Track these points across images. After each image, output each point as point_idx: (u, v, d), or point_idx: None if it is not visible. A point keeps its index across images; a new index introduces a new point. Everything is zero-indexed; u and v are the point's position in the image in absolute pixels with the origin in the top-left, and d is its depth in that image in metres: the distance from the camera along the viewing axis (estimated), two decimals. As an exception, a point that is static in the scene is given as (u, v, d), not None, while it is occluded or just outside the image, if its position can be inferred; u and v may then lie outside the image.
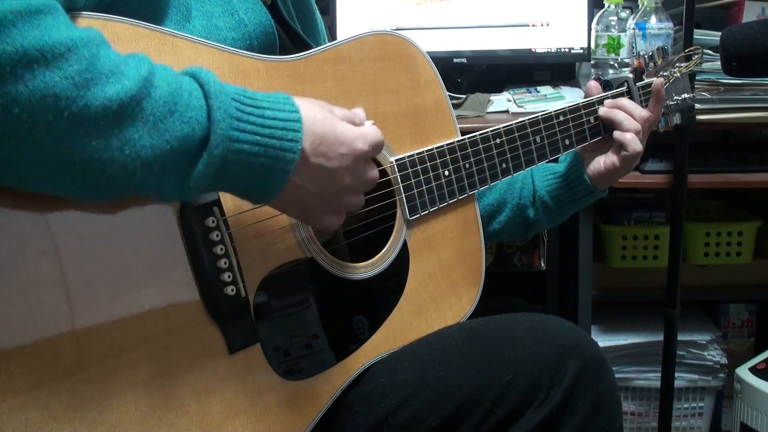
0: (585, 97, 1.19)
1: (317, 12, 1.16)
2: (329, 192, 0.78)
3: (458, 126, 1.09)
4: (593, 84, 1.21)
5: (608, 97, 1.18)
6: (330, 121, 0.78)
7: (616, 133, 1.14)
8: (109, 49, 0.66)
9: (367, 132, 0.81)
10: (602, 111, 1.17)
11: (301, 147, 0.74)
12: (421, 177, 1.01)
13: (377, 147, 0.82)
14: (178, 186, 0.69)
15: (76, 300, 0.69)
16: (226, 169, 0.70)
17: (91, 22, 0.72)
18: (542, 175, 1.22)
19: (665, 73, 1.24)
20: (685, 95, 1.27)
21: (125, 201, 0.73)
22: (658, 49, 1.24)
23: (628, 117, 1.14)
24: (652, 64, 1.24)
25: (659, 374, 1.69)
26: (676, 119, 1.30)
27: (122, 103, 0.63)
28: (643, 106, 1.18)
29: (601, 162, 1.17)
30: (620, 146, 1.14)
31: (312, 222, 0.82)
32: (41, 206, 0.68)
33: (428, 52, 1.07)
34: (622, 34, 1.69)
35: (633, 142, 1.13)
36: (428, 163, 1.02)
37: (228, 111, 0.69)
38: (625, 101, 1.17)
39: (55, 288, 0.68)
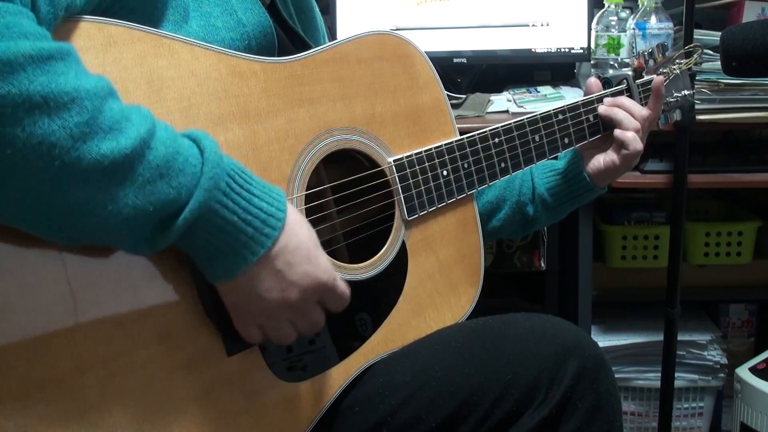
0: (585, 95, 1.19)
1: (317, 11, 1.16)
2: (271, 302, 0.77)
3: (457, 126, 1.09)
4: (593, 81, 1.20)
5: (608, 95, 1.18)
6: (311, 241, 0.78)
7: (617, 132, 1.14)
8: (114, 102, 0.66)
9: (337, 276, 0.81)
10: (602, 109, 1.16)
11: (270, 246, 0.74)
12: (420, 177, 1.01)
13: (339, 292, 0.81)
14: (147, 244, 0.69)
15: (74, 304, 0.69)
16: (194, 232, 0.70)
17: (88, 25, 0.72)
18: (542, 173, 1.22)
19: (665, 70, 1.24)
20: (685, 92, 1.27)
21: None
22: (657, 45, 1.24)
23: (628, 115, 1.14)
24: (651, 61, 1.24)
25: (659, 374, 1.69)
26: (676, 116, 1.30)
27: (114, 161, 0.64)
28: (642, 104, 1.18)
29: (601, 160, 1.17)
30: (621, 145, 1.14)
31: (236, 322, 0.79)
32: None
33: (428, 52, 1.07)
34: (622, 34, 1.69)
35: (634, 141, 1.13)
36: (426, 164, 1.02)
37: (218, 184, 0.70)
38: (624, 99, 1.16)
39: (53, 291, 0.68)
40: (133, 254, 0.72)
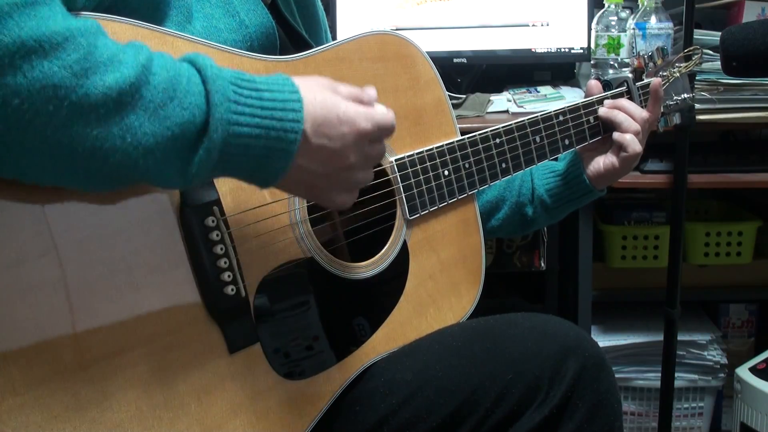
0: (585, 96, 1.19)
1: (320, 9, 1.16)
2: (335, 171, 0.77)
3: (458, 126, 1.10)
4: (594, 83, 1.21)
5: (608, 97, 1.18)
6: (331, 101, 0.77)
7: (616, 134, 1.14)
8: (106, 38, 0.65)
9: (373, 112, 0.79)
10: (602, 111, 1.17)
11: (302, 127, 0.73)
12: (421, 177, 1.01)
13: (383, 127, 0.80)
14: (181, 173, 0.68)
15: (76, 300, 0.69)
16: (227, 153, 0.69)
17: (91, 22, 0.72)
18: (541, 174, 1.22)
19: (665, 73, 1.24)
20: (685, 95, 1.27)
21: (125, 200, 0.73)
22: (657, 49, 1.25)
23: (628, 118, 1.14)
24: (651, 64, 1.24)
25: (659, 374, 1.69)
26: (676, 119, 1.30)
27: (122, 91, 0.63)
28: (642, 107, 1.18)
29: (601, 162, 1.17)
30: (620, 147, 1.14)
31: (323, 201, 0.80)
32: (41, 206, 0.68)
33: (428, 52, 1.07)
34: (622, 34, 1.69)
35: (633, 143, 1.13)
36: (428, 163, 1.02)
37: (226, 95, 0.69)
38: (624, 102, 1.17)
39: (55, 288, 0.68)
40: (171, 188, 0.72)
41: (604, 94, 1.19)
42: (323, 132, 0.75)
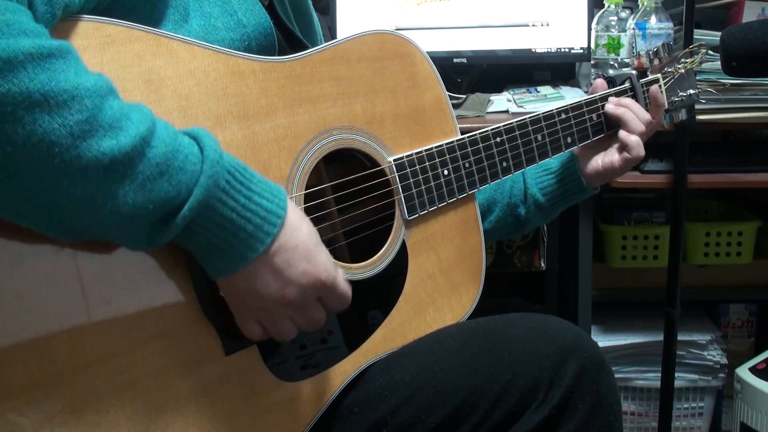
0: (590, 95, 1.19)
1: (314, 14, 1.16)
2: (270, 299, 0.76)
3: (458, 125, 1.09)
4: (600, 82, 1.20)
5: (611, 95, 1.18)
6: (311, 239, 0.78)
7: (623, 134, 1.14)
8: (114, 100, 0.66)
9: (339, 275, 0.81)
10: (609, 108, 1.16)
11: (269, 243, 0.74)
12: (420, 177, 1.01)
13: (339, 291, 0.81)
14: (147, 240, 0.69)
15: (72, 301, 0.69)
16: (193, 229, 0.70)
17: (86, 24, 0.72)
18: (534, 173, 1.22)
19: (670, 69, 1.24)
20: (691, 91, 1.27)
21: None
22: (663, 45, 1.25)
23: (635, 117, 1.15)
24: (656, 60, 1.24)
25: (659, 374, 1.69)
26: (681, 115, 1.30)
27: (114, 159, 0.64)
28: (646, 103, 1.18)
29: (599, 161, 1.16)
30: (624, 147, 1.14)
31: (238, 318, 0.80)
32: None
33: (428, 52, 1.06)
34: (622, 34, 1.69)
35: (638, 146, 1.13)
36: (427, 163, 1.01)
37: (217, 182, 0.70)
38: (630, 102, 1.17)
39: (51, 289, 0.68)
40: (133, 250, 0.72)
41: (607, 91, 1.19)
42: (286, 257, 0.75)
